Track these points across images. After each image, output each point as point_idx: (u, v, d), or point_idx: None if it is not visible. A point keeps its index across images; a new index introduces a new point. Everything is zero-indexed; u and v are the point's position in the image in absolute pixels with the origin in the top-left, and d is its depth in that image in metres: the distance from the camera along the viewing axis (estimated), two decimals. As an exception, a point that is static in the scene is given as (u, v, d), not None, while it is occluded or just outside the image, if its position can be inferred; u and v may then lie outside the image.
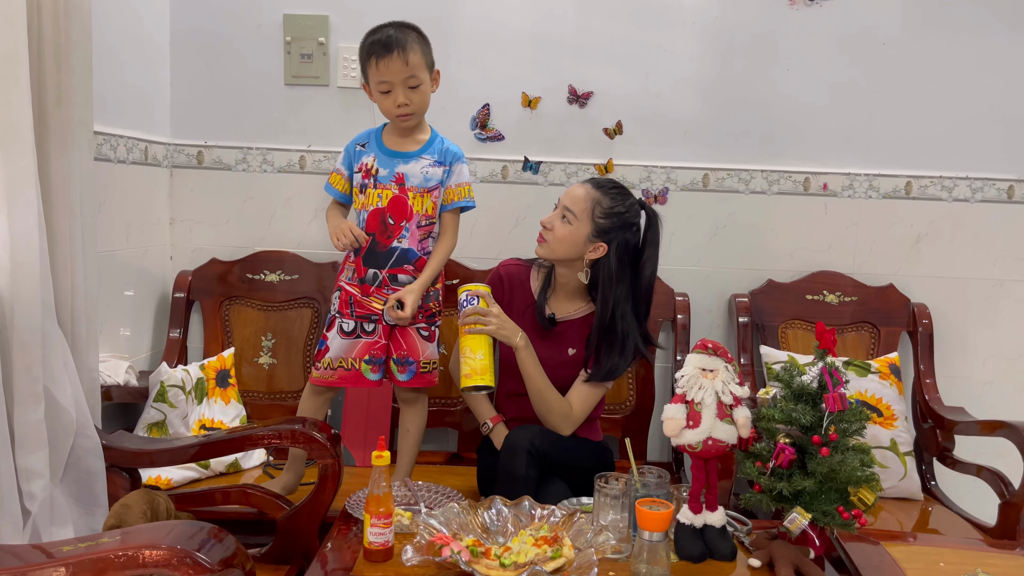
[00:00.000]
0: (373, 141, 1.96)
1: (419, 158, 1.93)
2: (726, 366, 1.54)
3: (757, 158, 2.53)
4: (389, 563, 1.49)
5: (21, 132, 1.46)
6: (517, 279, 2.09)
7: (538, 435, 1.87)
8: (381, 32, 1.85)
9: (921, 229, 2.54)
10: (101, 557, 1.06)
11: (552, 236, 1.96)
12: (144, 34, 2.37)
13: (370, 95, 1.93)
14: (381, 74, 1.83)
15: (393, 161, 1.92)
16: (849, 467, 1.47)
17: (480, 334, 1.88)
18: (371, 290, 1.94)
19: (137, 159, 2.32)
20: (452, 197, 1.98)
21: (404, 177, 1.91)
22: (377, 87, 1.86)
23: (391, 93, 1.86)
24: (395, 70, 1.82)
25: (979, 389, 2.55)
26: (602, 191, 1.95)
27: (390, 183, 1.91)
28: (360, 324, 1.95)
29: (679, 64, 2.50)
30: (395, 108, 1.87)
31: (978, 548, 1.68)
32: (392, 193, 1.91)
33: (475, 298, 1.91)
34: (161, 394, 2.11)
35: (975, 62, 2.48)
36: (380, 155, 1.93)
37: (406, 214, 1.91)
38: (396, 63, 1.82)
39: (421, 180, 1.92)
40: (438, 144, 1.96)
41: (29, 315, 1.48)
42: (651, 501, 1.47)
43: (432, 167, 1.94)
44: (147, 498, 1.54)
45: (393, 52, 1.81)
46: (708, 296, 2.57)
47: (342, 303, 1.96)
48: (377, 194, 1.91)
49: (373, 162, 1.93)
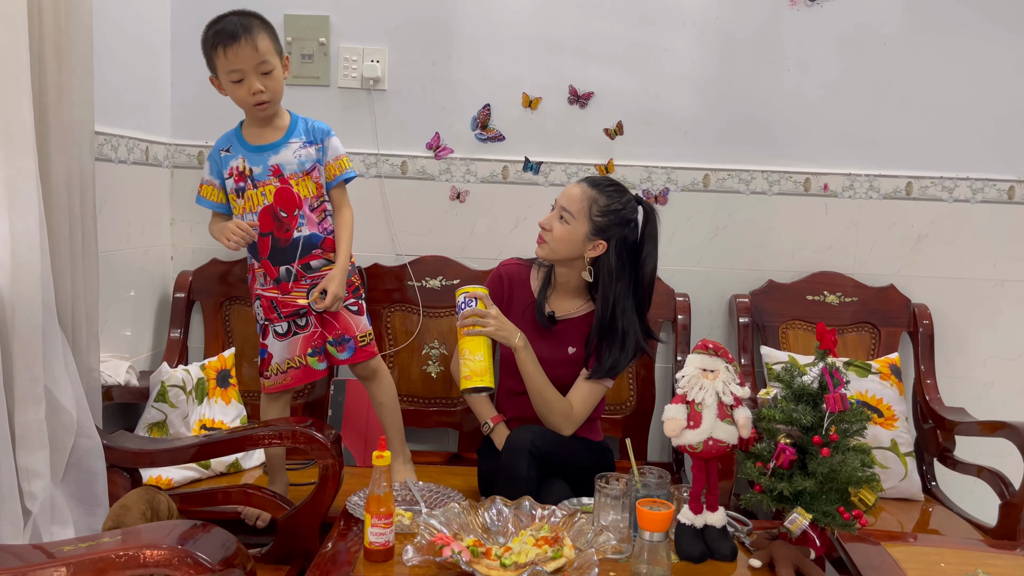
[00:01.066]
0: (236, 142, 1.90)
1: (288, 144, 1.88)
2: (727, 366, 1.54)
3: (758, 158, 2.53)
4: (390, 563, 1.49)
5: (22, 132, 1.47)
6: (517, 278, 2.10)
7: (539, 435, 1.87)
8: (224, 21, 1.79)
9: (922, 230, 2.54)
10: (102, 557, 1.07)
11: (551, 237, 1.96)
12: (145, 34, 2.38)
13: (219, 89, 1.86)
14: (231, 63, 1.77)
15: (263, 156, 1.87)
16: (850, 467, 1.47)
17: (479, 336, 1.88)
18: (290, 287, 1.90)
19: (138, 159, 2.32)
20: (334, 172, 1.93)
21: (280, 167, 1.86)
22: (228, 77, 1.79)
23: (244, 82, 1.79)
24: (245, 57, 1.77)
25: (980, 390, 2.55)
26: (598, 189, 1.96)
27: (268, 178, 1.86)
28: (292, 322, 1.92)
29: (680, 64, 2.50)
30: (250, 96, 1.81)
31: (978, 548, 1.68)
32: (275, 187, 1.86)
33: (473, 300, 1.91)
34: (162, 394, 2.11)
35: (975, 62, 2.48)
36: (248, 154, 1.88)
37: (295, 202, 1.87)
38: (245, 50, 1.76)
39: (297, 165, 1.87)
40: (302, 125, 1.91)
41: (30, 315, 1.48)
42: (652, 501, 1.47)
43: (303, 148, 1.89)
44: (147, 497, 1.54)
45: (240, 39, 1.76)
46: (709, 296, 2.57)
47: (267, 310, 1.92)
48: (260, 193, 1.86)
49: (243, 163, 1.87)
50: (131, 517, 1.48)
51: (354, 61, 2.48)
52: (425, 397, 2.49)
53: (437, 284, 2.49)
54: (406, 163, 2.54)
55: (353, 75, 2.49)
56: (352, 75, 2.49)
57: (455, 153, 2.54)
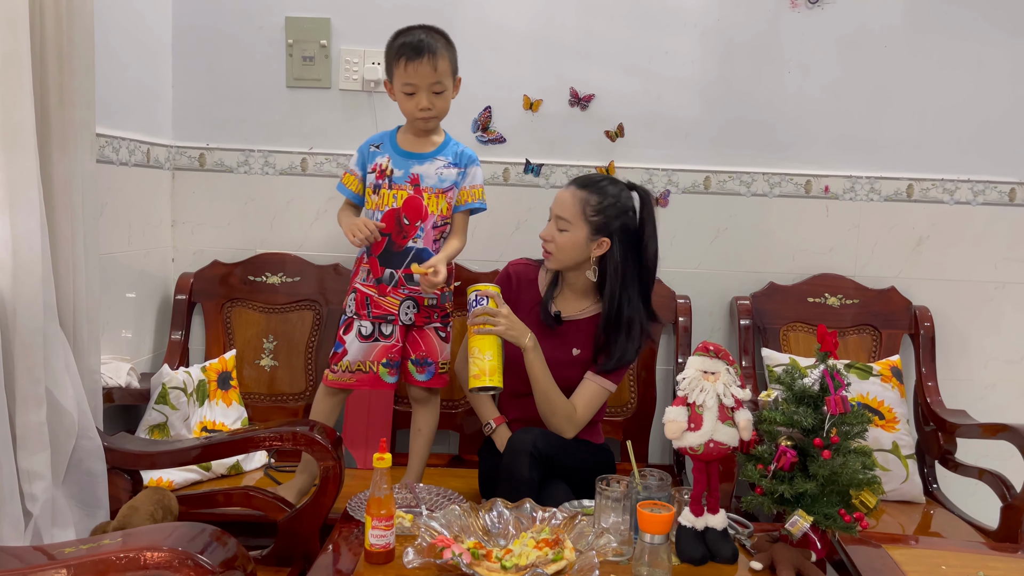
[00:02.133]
0: (388, 142, 1.96)
1: (434, 159, 1.94)
2: (727, 368, 1.54)
3: (758, 160, 2.54)
4: (390, 565, 1.49)
5: (23, 134, 1.47)
6: (525, 278, 2.10)
7: (541, 437, 1.87)
8: (412, 35, 1.86)
9: (923, 232, 2.54)
10: (102, 559, 1.07)
11: (555, 247, 1.97)
12: (146, 36, 2.38)
13: (390, 93, 1.94)
14: (409, 76, 1.84)
15: (408, 162, 1.93)
16: (851, 470, 1.47)
17: (489, 335, 1.87)
18: (388, 290, 1.94)
19: (139, 161, 2.32)
20: (465, 198, 1.98)
21: (419, 178, 1.92)
22: (402, 88, 1.87)
23: (415, 96, 1.87)
24: (423, 74, 1.84)
25: (981, 392, 2.55)
26: (588, 189, 1.96)
27: (405, 184, 1.92)
28: (378, 327, 1.95)
29: (680, 66, 2.50)
30: (418, 111, 1.88)
31: (980, 551, 1.68)
32: (407, 193, 1.92)
33: (484, 298, 1.90)
34: (163, 396, 2.11)
35: (977, 65, 2.48)
36: (395, 156, 1.94)
37: (421, 214, 1.92)
38: (425, 67, 1.83)
39: (436, 181, 1.93)
40: (452, 147, 1.97)
41: (31, 316, 1.48)
42: (652, 503, 1.47)
43: (447, 168, 1.95)
44: (156, 498, 1.54)
45: (423, 57, 1.83)
46: (709, 299, 2.57)
47: (359, 304, 1.95)
48: (392, 195, 1.91)
49: (388, 163, 1.93)
50: (138, 518, 1.48)
51: (355, 63, 2.48)
52: (426, 399, 2.49)
53: (438, 286, 2.49)
54: (407, 165, 2.54)
55: (354, 77, 2.49)
56: (353, 77, 2.49)
57: (456, 155, 2.54)
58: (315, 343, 2.48)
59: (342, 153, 2.52)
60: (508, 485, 1.81)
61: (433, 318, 1.99)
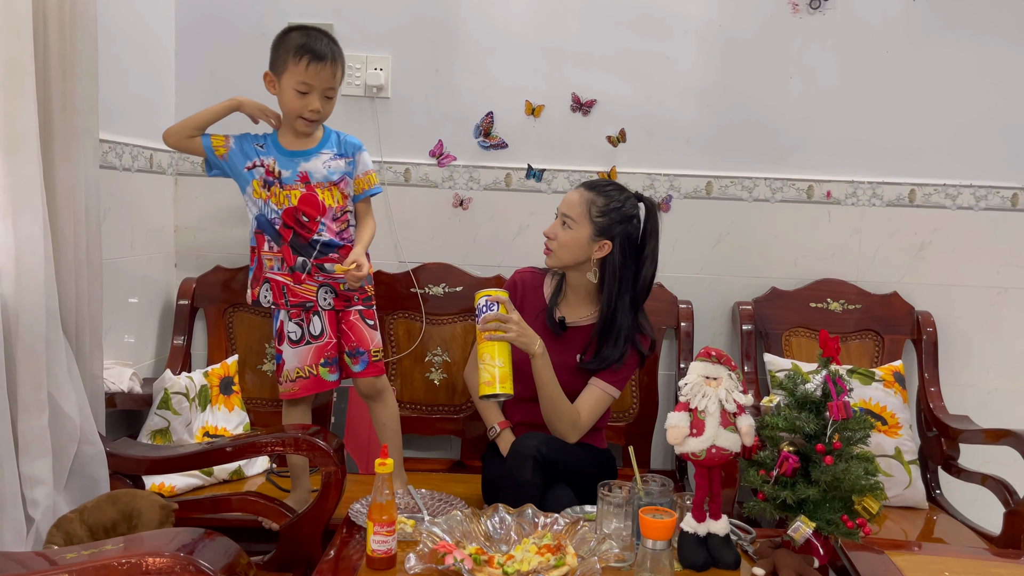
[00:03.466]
0: (270, 143, 1.96)
1: (319, 153, 1.95)
2: (729, 374, 1.54)
3: (760, 166, 2.54)
4: (392, 571, 1.48)
5: (27, 140, 1.47)
6: (530, 284, 2.11)
7: (544, 442, 1.87)
8: (316, 38, 1.87)
9: (925, 237, 2.54)
10: (104, 564, 1.07)
11: (556, 244, 1.98)
12: (150, 43, 2.39)
13: (270, 86, 1.93)
14: (308, 77, 1.85)
15: (294, 161, 1.94)
16: (853, 476, 1.46)
17: (500, 341, 1.87)
18: (303, 277, 1.95)
19: (142, 167, 2.32)
20: (362, 186, 2.01)
21: (308, 175, 1.93)
22: (296, 86, 1.86)
23: (308, 96, 1.87)
24: (323, 78, 1.86)
25: (984, 397, 2.54)
26: (596, 191, 1.97)
27: (296, 182, 1.93)
28: (305, 329, 1.96)
29: (682, 72, 2.50)
30: (306, 111, 1.88)
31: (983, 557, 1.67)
32: (300, 192, 1.92)
33: (495, 303, 1.89)
34: (165, 401, 2.12)
35: (978, 70, 2.48)
36: (280, 156, 1.94)
37: (319, 209, 1.93)
38: (327, 72, 1.86)
39: (325, 174, 1.94)
40: (334, 138, 1.99)
41: (34, 322, 1.48)
42: (654, 509, 1.46)
43: (334, 160, 1.96)
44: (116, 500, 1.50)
45: (326, 61, 1.86)
46: (711, 304, 2.57)
47: (276, 294, 1.96)
48: (285, 194, 1.92)
49: (274, 164, 1.93)
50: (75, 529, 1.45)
51: (357, 69, 2.49)
52: (428, 404, 2.49)
53: (440, 291, 2.50)
54: (409, 170, 2.54)
55: (356, 83, 2.50)
56: (356, 83, 2.50)
57: (458, 160, 2.54)
58: (317, 348, 2.48)
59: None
60: (511, 489, 1.81)
61: (353, 301, 1.99)
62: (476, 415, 2.46)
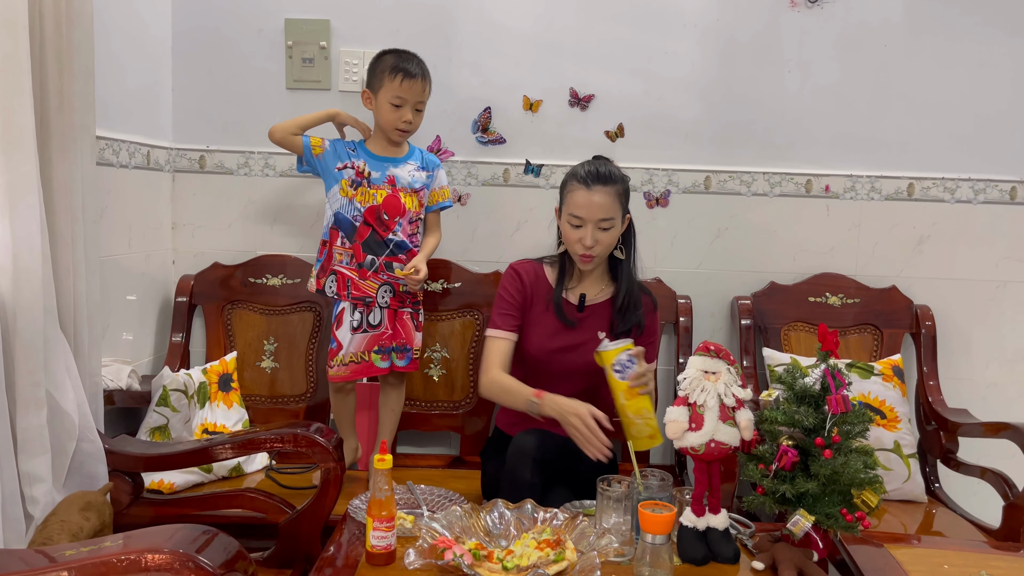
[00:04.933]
0: (360, 148, 2.19)
1: (406, 163, 2.21)
2: (728, 368, 1.54)
3: (759, 160, 2.53)
4: (391, 567, 1.49)
5: (23, 137, 1.47)
6: (534, 274, 2.09)
7: (543, 441, 1.87)
8: (408, 59, 2.11)
9: (923, 231, 2.54)
10: (103, 561, 1.07)
11: (602, 248, 1.97)
12: (146, 39, 2.38)
13: (367, 102, 2.16)
14: (403, 91, 2.08)
15: (384, 164, 2.17)
16: (852, 469, 1.46)
17: (646, 394, 1.87)
18: (368, 274, 2.15)
19: (139, 164, 2.32)
20: (436, 199, 2.27)
21: (395, 178, 2.17)
22: (392, 99, 2.09)
23: (401, 109, 2.10)
24: (415, 92, 2.10)
25: (982, 391, 2.55)
26: (614, 182, 1.96)
27: (383, 184, 2.16)
28: (365, 318, 2.15)
29: (680, 66, 2.50)
30: (400, 123, 2.12)
31: (982, 550, 1.67)
32: (386, 192, 2.16)
33: (635, 358, 1.87)
34: (164, 398, 2.11)
35: (977, 63, 2.48)
36: (370, 160, 2.17)
37: (399, 210, 2.16)
38: (418, 86, 2.10)
39: (409, 181, 2.19)
40: (418, 153, 2.24)
41: (32, 320, 1.48)
42: (654, 504, 1.46)
43: (417, 171, 2.21)
44: (83, 503, 1.48)
45: (417, 78, 2.09)
46: (710, 299, 2.57)
47: (340, 286, 2.16)
48: (372, 193, 2.15)
49: (364, 166, 2.16)
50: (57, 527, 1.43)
51: (355, 65, 2.49)
52: (427, 401, 2.49)
53: (439, 287, 2.49)
54: (407, 166, 2.54)
55: (354, 79, 2.49)
56: (353, 79, 2.49)
57: (456, 156, 2.54)
58: (316, 345, 2.48)
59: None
60: (511, 488, 1.80)
61: (406, 303, 2.21)
62: (475, 411, 2.47)
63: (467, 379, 2.48)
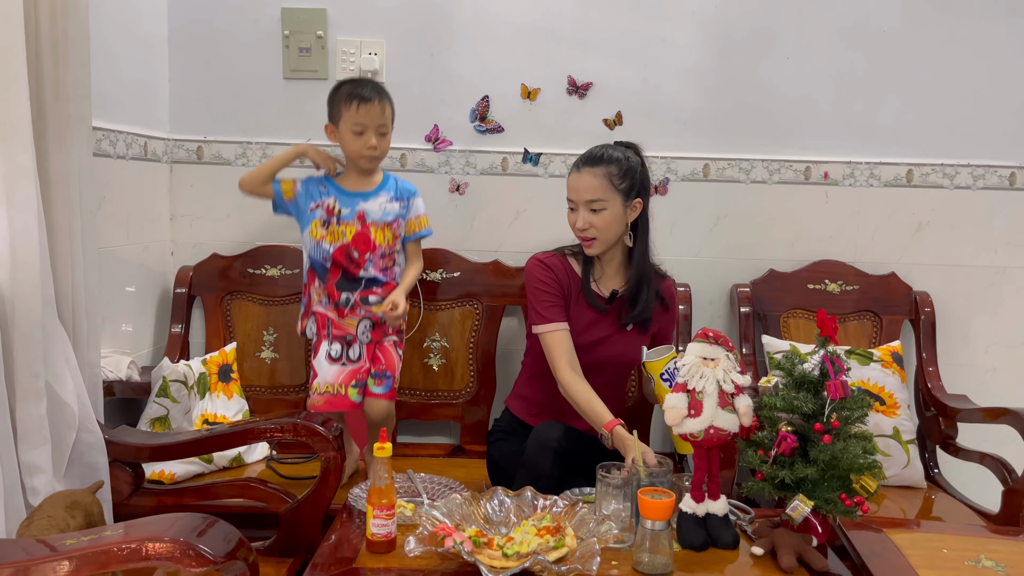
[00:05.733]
0: (330, 185, 2.13)
1: (377, 196, 2.12)
2: (727, 355, 1.54)
3: (758, 148, 2.53)
4: (392, 554, 1.49)
5: (19, 128, 1.46)
6: (563, 269, 2.04)
7: (564, 434, 1.88)
8: (362, 85, 2.05)
9: (923, 217, 2.54)
10: (104, 550, 1.07)
11: (597, 231, 1.95)
12: (142, 29, 2.37)
13: (332, 135, 2.10)
14: (360, 117, 2.02)
15: (354, 200, 2.10)
16: (851, 454, 1.47)
17: None
18: (345, 312, 2.11)
19: (136, 155, 2.31)
20: (413, 228, 2.19)
21: (365, 214, 2.10)
22: (352, 128, 2.03)
23: (364, 135, 2.04)
24: (373, 115, 2.03)
25: (982, 377, 2.55)
26: (603, 163, 1.95)
27: (353, 220, 2.09)
28: (345, 350, 2.11)
29: (679, 54, 2.49)
30: (365, 149, 2.05)
31: (981, 535, 1.68)
32: (356, 229, 2.09)
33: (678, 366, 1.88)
34: (163, 389, 2.11)
35: (976, 49, 2.47)
36: (340, 196, 2.11)
37: (369, 246, 2.10)
38: (376, 110, 2.03)
39: (381, 215, 2.11)
40: (392, 183, 2.16)
41: (30, 310, 1.48)
42: (653, 490, 1.47)
43: (390, 203, 2.13)
44: (68, 501, 1.47)
45: (374, 100, 2.03)
46: (709, 287, 2.56)
47: (320, 326, 2.12)
48: (341, 230, 2.09)
49: (335, 203, 2.10)
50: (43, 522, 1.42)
51: (352, 54, 2.48)
52: (427, 390, 2.49)
53: (438, 277, 2.49)
54: (405, 156, 2.53)
55: (351, 68, 2.48)
56: (350, 68, 2.48)
57: (454, 145, 2.53)
58: (315, 335, 2.48)
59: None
60: (528, 479, 1.80)
61: (389, 332, 2.16)
62: (475, 400, 2.47)
63: (467, 368, 2.48)
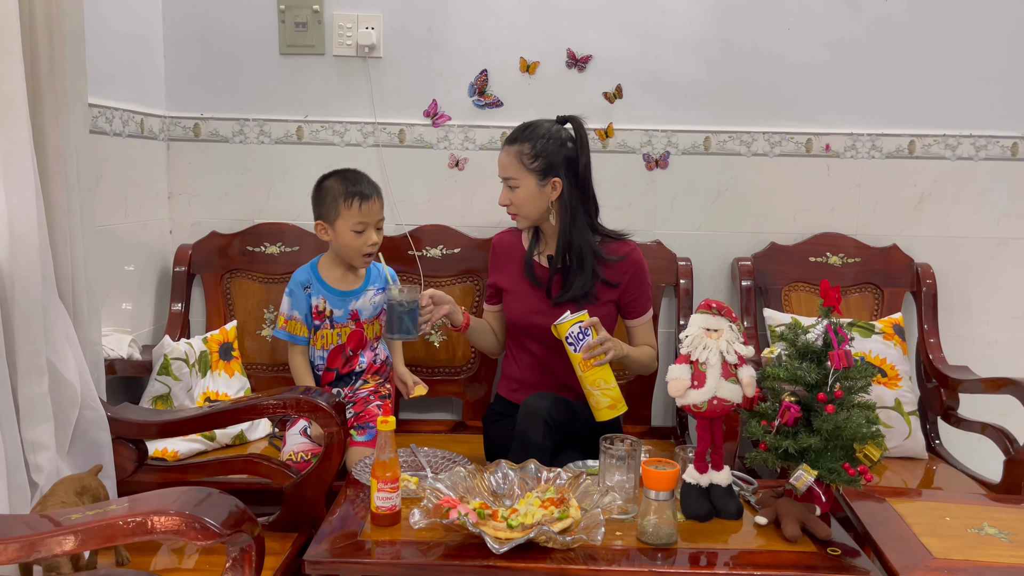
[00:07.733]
0: (316, 283, 2.07)
1: (366, 291, 2.10)
2: (730, 326, 1.54)
3: (759, 120, 2.51)
4: (397, 527, 1.50)
5: (15, 103, 1.45)
6: (507, 243, 2.18)
7: (555, 404, 1.88)
8: (356, 181, 2.02)
9: (924, 189, 2.53)
10: (109, 524, 1.07)
11: (516, 208, 2.03)
12: (137, 5, 2.34)
13: (323, 233, 2.04)
14: (362, 215, 1.99)
15: (345, 300, 2.07)
16: (854, 424, 1.46)
17: (605, 364, 1.88)
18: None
19: (133, 132, 2.30)
20: None
21: (358, 312, 2.08)
22: (353, 227, 1.99)
23: (365, 232, 2.01)
24: (375, 212, 2.02)
25: (983, 348, 2.55)
26: (517, 142, 2.01)
27: (347, 321, 2.08)
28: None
29: (679, 26, 2.47)
30: (367, 246, 2.02)
31: (983, 503, 1.69)
32: (350, 330, 2.08)
33: (588, 329, 1.89)
34: (165, 367, 2.11)
35: (978, 19, 2.45)
36: (330, 296, 2.07)
37: (363, 343, 2.11)
38: (376, 205, 2.02)
39: (371, 310, 2.10)
40: (375, 273, 2.13)
41: (29, 288, 1.47)
42: (657, 460, 1.47)
43: (377, 295, 2.11)
44: (76, 486, 1.47)
45: (373, 197, 2.01)
46: (710, 260, 2.56)
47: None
48: (335, 333, 2.07)
49: (324, 304, 2.06)
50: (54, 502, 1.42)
51: (349, 28, 2.45)
52: (429, 366, 2.49)
53: (438, 253, 2.48)
54: (404, 131, 2.51)
55: (348, 43, 2.46)
56: (347, 43, 2.46)
57: (453, 120, 2.51)
58: (316, 312, 2.47)
59: (338, 120, 2.50)
60: (521, 451, 1.81)
61: (373, 399, 2.12)
62: (477, 377, 2.47)
63: (468, 345, 2.48)
